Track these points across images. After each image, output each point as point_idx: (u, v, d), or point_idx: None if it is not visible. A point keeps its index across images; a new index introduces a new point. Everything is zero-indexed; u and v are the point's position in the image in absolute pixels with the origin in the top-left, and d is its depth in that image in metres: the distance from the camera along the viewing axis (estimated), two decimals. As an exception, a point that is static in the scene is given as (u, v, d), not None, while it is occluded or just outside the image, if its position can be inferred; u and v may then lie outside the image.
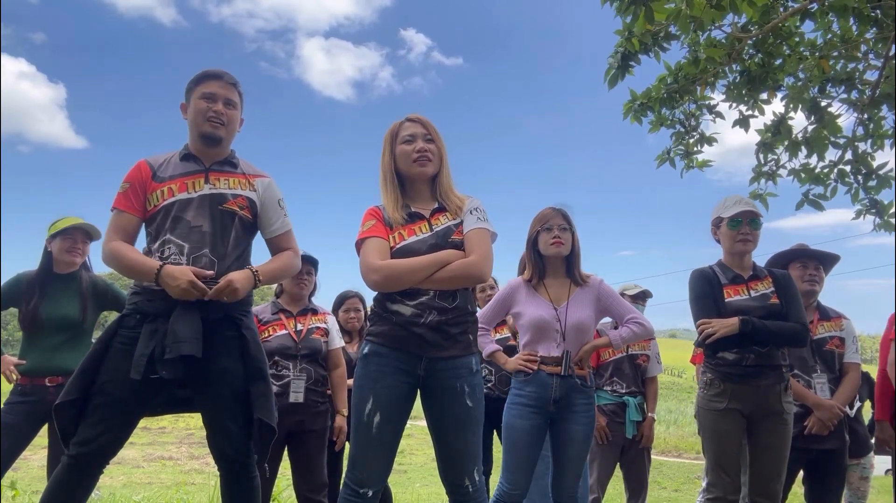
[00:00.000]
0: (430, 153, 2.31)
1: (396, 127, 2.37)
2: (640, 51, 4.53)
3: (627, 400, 3.76)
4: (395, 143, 2.34)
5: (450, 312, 2.19)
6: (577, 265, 2.90)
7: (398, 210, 2.28)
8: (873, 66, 5.02)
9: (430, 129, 2.35)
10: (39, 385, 3.10)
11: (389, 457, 2.22)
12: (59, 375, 3.09)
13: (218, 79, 2.39)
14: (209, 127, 2.34)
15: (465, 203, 2.34)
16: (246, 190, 2.40)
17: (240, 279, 2.24)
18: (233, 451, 2.29)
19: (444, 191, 2.35)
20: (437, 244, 2.24)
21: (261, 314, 3.29)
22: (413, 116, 2.37)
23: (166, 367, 2.14)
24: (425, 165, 2.30)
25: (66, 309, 3.20)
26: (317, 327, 3.37)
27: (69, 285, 3.25)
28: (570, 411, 2.77)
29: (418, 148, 2.29)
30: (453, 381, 2.18)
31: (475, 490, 2.23)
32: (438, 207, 2.33)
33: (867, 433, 4.19)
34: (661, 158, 5.62)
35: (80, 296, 3.24)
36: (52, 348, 3.14)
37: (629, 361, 3.83)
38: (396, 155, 2.33)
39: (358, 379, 2.23)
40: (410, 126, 2.34)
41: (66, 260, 3.24)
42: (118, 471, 9.23)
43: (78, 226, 3.25)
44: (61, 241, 3.23)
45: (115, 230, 2.32)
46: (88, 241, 3.33)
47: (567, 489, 2.81)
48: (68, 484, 2.15)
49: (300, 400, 3.19)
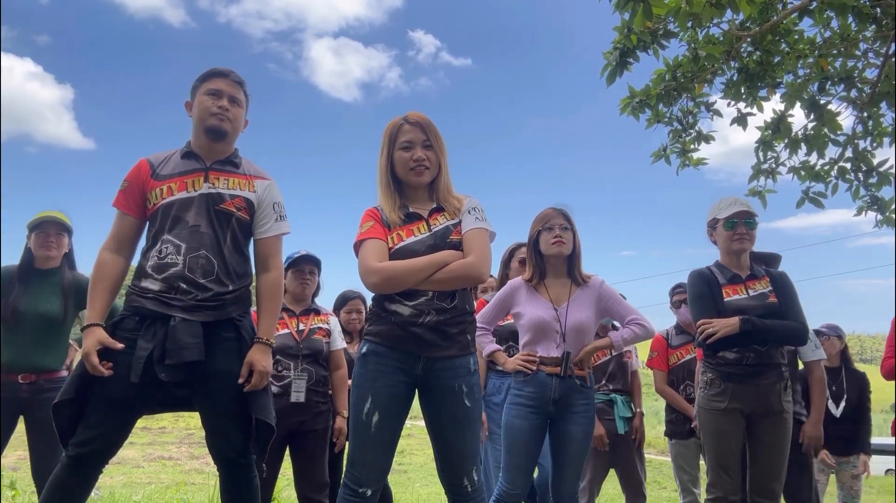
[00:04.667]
0: (428, 161, 2.27)
1: (395, 128, 2.29)
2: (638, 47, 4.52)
3: (615, 397, 3.77)
4: (393, 148, 2.29)
5: (448, 312, 2.18)
6: (577, 265, 2.90)
7: (396, 211, 2.26)
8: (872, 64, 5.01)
9: (430, 132, 2.28)
10: (12, 381, 3.05)
11: (388, 456, 2.22)
12: (32, 373, 3.06)
13: (224, 76, 2.38)
14: (214, 121, 2.32)
15: (464, 203, 2.32)
16: (245, 190, 2.38)
17: (260, 360, 2.27)
18: (232, 452, 2.28)
19: (441, 194, 2.33)
20: (436, 244, 2.22)
21: None
22: (413, 118, 2.30)
23: (166, 371, 2.14)
24: (422, 174, 2.27)
25: (47, 305, 3.15)
26: (319, 327, 3.35)
27: (50, 280, 3.20)
28: (569, 411, 2.76)
29: (416, 157, 2.25)
30: (451, 381, 2.17)
31: (474, 489, 2.22)
32: (436, 208, 2.32)
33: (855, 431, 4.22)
34: (657, 155, 5.60)
35: (61, 292, 3.19)
36: (29, 344, 3.10)
37: (616, 360, 3.85)
38: (394, 160, 2.29)
39: (356, 378, 2.22)
40: (409, 131, 2.28)
41: (41, 254, 3.19)
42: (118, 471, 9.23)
43: (50, 219, 3.19)
44: (35, 236, 3.19)
45: (112, 236, 2.34)
46: (64, 234, 3.25)
47: (567, 489, 2.81)
48: (68, 484, 2.14)
49: (301, 400, 3.18)
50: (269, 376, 2.31)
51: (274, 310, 2.41)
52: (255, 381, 2.25)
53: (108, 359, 2.17)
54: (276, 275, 2.44)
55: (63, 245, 3.26)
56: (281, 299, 2.53)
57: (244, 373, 2.24)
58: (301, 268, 3.36)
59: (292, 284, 3.36)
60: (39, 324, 3.12)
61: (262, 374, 2.26)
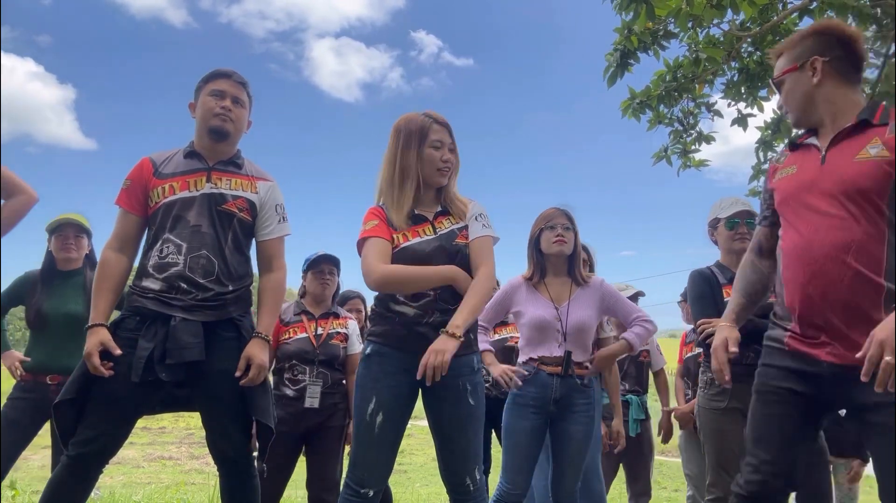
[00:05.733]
0: (451, 164, 2.29)
1: (425, 126, 2.25)
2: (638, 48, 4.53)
3: (630, 398, 3.76)
4: (424, 145, 2.25)
5: (452, 313, 2.18)
6: (578, 265, 2.90)
7: (404, 211, 2.25)
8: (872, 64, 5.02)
9: (454, 137, 2.32)
10: (41, 382, 3.11)
11: (391, 457, 2.22)
12: (60, 374, 3.09)
13: (227, 77, 2.39)
14: (218, 121, 2.34)
15: (469, 207, 2.33)
16: (247, 191, 2.39)
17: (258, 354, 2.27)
18: (233, 452, 2.29)
19: (449, 197, 2.34)
20: (442, 246, 2.23)
21: (283, 314, 3.28)
22: (440, 118, 2.29)
23: (167, 371, 2.14)
24: (445, 176, 2.29)
25: (71, 305, 3.20)
26: (338, 332, 3.34)
27: (73, 282, 3.25)
28: (570, 411, 2.77)
29: (444, 157, 2.26)
30: (455, 380, 2.18)
31: (475, 489, 2.22)
32: (442, 211, 2.32)
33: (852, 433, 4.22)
34: (658, 156, 5.61)
35: (84, 292, 3.23)
36: (57, 346, 3.15)
37: (632, 360, 3.83)
38: (424, 157, 2.25)
39: (360, 378, 2.22)
40: (439, 130, 2.27)
41: (61, 257, 3.25)
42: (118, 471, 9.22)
43: (68, 221, 3.26)
44: (55, 239, 3.26)
45: (115, 235, 2.35)
46: (83, 236, 3.32)
47: (567, 489, 2.81)
48: (68, 484, 2.14)
49: (315, 405, 3.18)
50: (266, 371, 2.31)
51: (275, 307, 2.43)
52: (253, 375, 2.25)
53: (109, 359, 2.17)
54: (280, 275, 2.46)
55: (83, 246, 3.33)
56: (283, 298, 2.54)
57: (241, 367, 2.25)
58: (321, 269, 3.36)
59: (312, 285, 3.36)
60: (65, 324, 3.18)
61: (260, 369, 2.26)
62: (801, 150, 2.01)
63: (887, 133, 1.78)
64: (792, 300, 1.90)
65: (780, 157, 2.11)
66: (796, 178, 1.95)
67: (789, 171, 1.99)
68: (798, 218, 1.89)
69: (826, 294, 1.78)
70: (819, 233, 1.81)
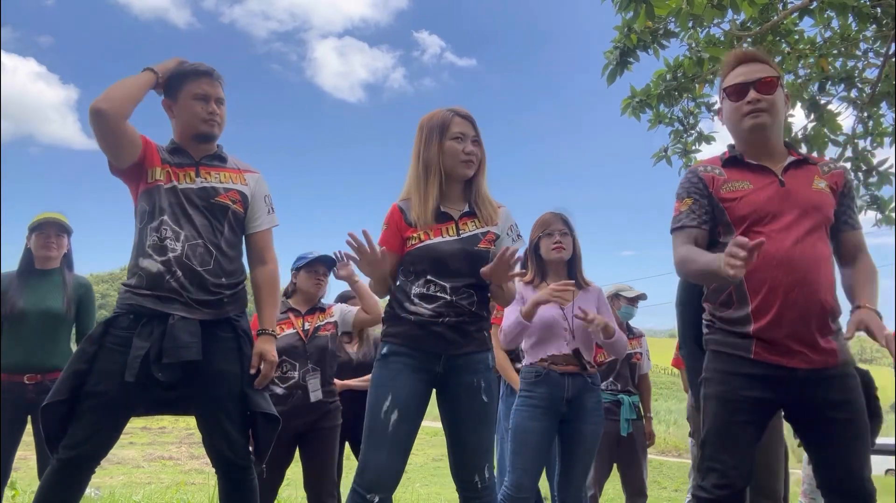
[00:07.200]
0: (476, 157, 2.26)
1: (446, 119, 2.24)
2: (638, 47, 4.53)
3: (622, 398, 3.78)
4: (445, 137, 2.22)
5: (466, 314, 2.20)
6: (579, 268, 2.93)
7: (430, 206, 2.22)
8: (873, 64, 5.02)
9: (478, 130, 2.29)
10: (17, 382, 3.05)
11: (402, 461, 2.16)
12: (38, 373, 3.06)
13: (207, 76, 2.31)
14: (206, 127, 2.29)
15: (499, 215, 2.32)
16: (238, 184, 2.36)
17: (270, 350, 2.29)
18: (231, 454, 2.24)
19: (479, 196, 2.31)
20: (463, 249, 2.21)
21: None
22: (462, 112, 2.27)
23: (163, 370, 2.10)
24: (470, 168, 2.26)
25: (49, 302, 3.15)
26: (325, 323, 3.34)
27: (51, 280, 3.21)
28: (581, 410, 2.77)
29: (468, 149, 2.23)
30: (471, 377, 2.18)
31: (485, 486, 2.21)
32: (469, 212, 2.29)
33: None
34: (658, 156, 5.60)
35: (63, 289, 3.20)
36: (35, 344, 3.09)
37: (625, 361, 3.85)
38: (445, 150, 2.23)
39: (375, 379, 2.19)
40: (461, 123, 2.25)
41: (41, 255, 3.20)
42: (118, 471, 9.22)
43: (51, 220, 3.21)
44: (36, 237, 3.20)
45: None
46: (64, 235, 3.27)
47: (574, 488, 2.81)
48: (59, 487, 2.08)
49: (320, 397, 3.16)
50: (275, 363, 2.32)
51: (274, 300, 2.42)
52: (266, 371, 2.25)
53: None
54: (273, 268, 2.45)
55: (63, 245, 3.27)
56: (279, 290, 2.51)
57: (255, 364, 2.24)
58: (316, 269, 3.35)
59: (306, 284, 3.34)
60: (43, 321, 3.12)
61: (272, 365, 2.27)
62: (745, 168, 2.07)
63: (820, 173, 2.06)
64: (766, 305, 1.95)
65: (712, 168, 2.11)
66: (763, 193, 2.02)
67: (744, 186, 2.04)
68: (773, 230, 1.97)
69: (808, 301, 1.91)
70: (799, 245, 1.94)
